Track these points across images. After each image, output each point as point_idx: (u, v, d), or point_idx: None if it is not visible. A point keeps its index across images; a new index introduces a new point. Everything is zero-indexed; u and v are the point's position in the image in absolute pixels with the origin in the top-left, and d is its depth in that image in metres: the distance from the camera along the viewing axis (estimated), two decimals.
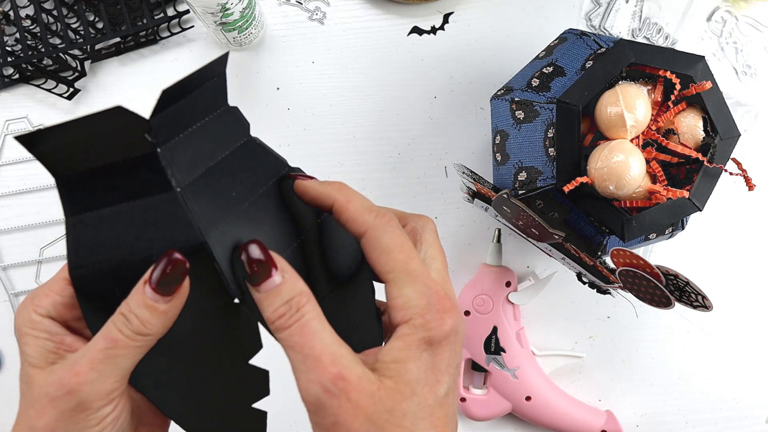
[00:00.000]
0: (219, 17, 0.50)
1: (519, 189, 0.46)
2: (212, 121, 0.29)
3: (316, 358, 0.25)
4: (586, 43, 0.45)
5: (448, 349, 0.26)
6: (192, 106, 0.27)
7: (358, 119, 0.59)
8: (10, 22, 0.58)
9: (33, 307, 0.27)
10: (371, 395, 0.24)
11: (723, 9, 0.59)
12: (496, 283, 0.56)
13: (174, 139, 0.26)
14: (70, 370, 0.25)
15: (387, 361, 0.25)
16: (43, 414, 0.25)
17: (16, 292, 0.58)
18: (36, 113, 0.58)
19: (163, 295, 0.26)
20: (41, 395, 0.25)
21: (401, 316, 0.26)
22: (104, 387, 0.25)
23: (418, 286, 0.26)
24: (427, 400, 0.25)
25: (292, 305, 0.25)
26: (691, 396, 0.58)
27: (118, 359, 0.25)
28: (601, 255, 0.48)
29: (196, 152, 0.27)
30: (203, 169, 0.27)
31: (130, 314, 0.26)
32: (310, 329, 0.25)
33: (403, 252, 0.27)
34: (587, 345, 0.58)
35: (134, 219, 0.27)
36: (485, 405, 0.55)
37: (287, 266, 0.26)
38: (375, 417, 0.24)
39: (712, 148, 0.43)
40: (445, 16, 0.59)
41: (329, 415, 0.24)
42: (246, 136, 0.30)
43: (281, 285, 0.26)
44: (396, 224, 0.28)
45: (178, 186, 0.26)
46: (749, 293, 0.58)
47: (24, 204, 0.58)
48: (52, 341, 0.27)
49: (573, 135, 0.42)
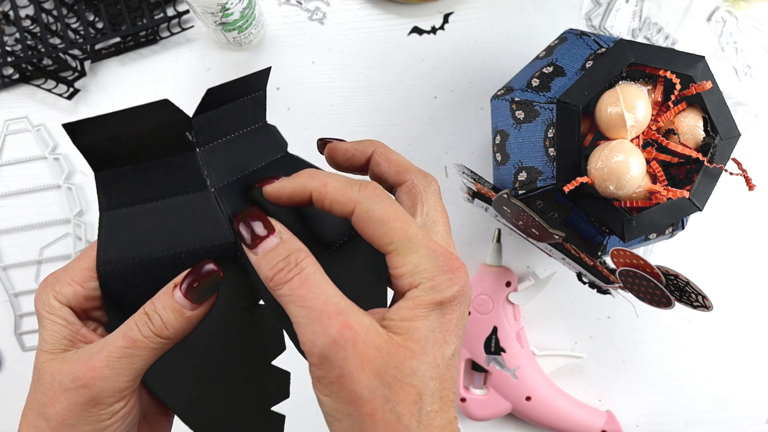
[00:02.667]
0: (219, 17, 0.50)
1: (519, 189, 0.46)
2: (251, 133, 0.29)
3: (320, 309, 0.23)
4: (586, 43, 0.45)
5: (457, 309, 0.25)
6: (233, 115, 0.28)
7: (359, 119, 0.59)
8: (10, 22, 0.58)
9: (54, 293, 0.27)
10: (379, 348, 0.23)
11: (723, 9, 0.59)
12: (496, 283, 0.56)
13: (213, 143, 0.27)
14: (86, 363, 0.25)
15: (395, 319, 0.24)
16: (55, 403, 0.25)
17: (16, 292, 0.58)
18: (36, 113, 0.58)
19: (193, 301, 0.26)
20: (54, 384, 0.25)
21: (409, 283, 0.25)
22: (118, 384, 0.25)
23: (422, 251, 0.25)
24: (436, 360, 0.24)
25: (291, 260, 0.25)
26: (691, 396, 0.58)
27: (134, 359, 0.25)
28: (601, 255, 0.48)
29: (233, 159, 0.28)
30: (238, 174, 0.28)
31: (154, 314, 0.26)
32: (312, 281, 0.24)
33: (398, 220, 0.25)
34: (587, 345, 0.58)
35: (167, 216, 0.27)
36: (485, 405, 0.55)
37: (284, 229, 0.26)
38: (383, 372, 0.23)
39: (712, 148, 0.43)
40: (445, 16, 0.59)
41: (335, 368, 0.23)
42: (283, 152, 0.31)
43: (279, 244, 0.25)
44: (383, 192, 0.26)
45: (213, 186, 0.27)
46: (749, 293, 0.58)
47: (24, 204, 0.58)
48: (68, 329, 0.27)
49: (573, 135, 0.42)
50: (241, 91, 0.28)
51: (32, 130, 0.58)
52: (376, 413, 0.23)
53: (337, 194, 0.26)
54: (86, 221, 0.58)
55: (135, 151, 0.27)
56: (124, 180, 0.27)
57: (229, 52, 0.59)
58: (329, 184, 0.26)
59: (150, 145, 0.26)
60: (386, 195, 0.26)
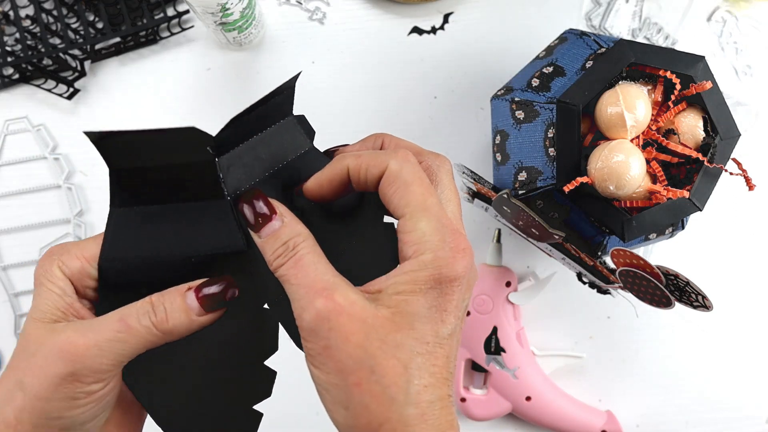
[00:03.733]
0: (219, 17, 0.50)
1: (519, 189, 0.46)
2: (275, 130, 0.29)
3: (309, 285, 0.25)
4: (586, 43, 0.45)
5: (458, 290, 0.25)
6: (255, 118, 0.28)
7: (359, 119, 0.59)
8: (10, 22, 0.58)
9: (59, 263, 0.27)
10: (363, 321, 0.24)
11: (723, 9, 0.59)
12: (496, 283, 0.55)
13: (233, 150, 0.27)
14: (74, 337, 0.25)
15: (389, 293, 0.25)
16: (34, 372, 0.25)
17: (16, 292, 0.58)
18: (36, 113, 0.58)
19: (204, 308, 0.26)
20: (38, 353, 0.25)
21: (413, 251, 0.25)
22: (101, 366, 0.25)
23: (434, 222, 0.25)
24: (425, 337, 0.25)
25: (289, 245, 0.26)
26: (691, 396, 0.58)
27: (124, 344, 0.25)
28: (601, 255, 0.48)
29: (253, 161, 0.28)
30: (257, 178, 0.28)
31: (160, 306, 0.26)
32: (305, 262, 0.25)
33: (421, 186, 0.26)
34: (587, 345, 0.58)
35: (180, 220, 0.27)
36: (485, 405, 0.55)
37: (286, 211, 0.27)
38: (366, 344, 0.24)
39: (712, 148, 0.43)
40: (445, 16, 0.59)
41: (321, 339, 0.24)
42: (307, 146, 0.30)
43: (280, 229, 0.26)
44: (414, 160, 0.27)
45: (230, 195, 0.27)
46: (749, 293, 0.58)
47: (24, 204, 0.58)
48: (64, 301, 0.27)
49: (573, 135, 0.42)
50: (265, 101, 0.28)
51: (32, 130, 0.58)
52: (362, 383, 0.24)
53: (371, 159, 0.27)
54: (86, 221, 0.58)
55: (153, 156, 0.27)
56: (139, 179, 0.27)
57: (229, 52, 0.59)
58: (362, 154, 0.27)
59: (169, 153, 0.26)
60: (416, 163, 0.27)
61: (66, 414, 0.25)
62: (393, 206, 0.26)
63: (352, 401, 0.24)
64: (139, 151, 0.26)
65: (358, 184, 0.28)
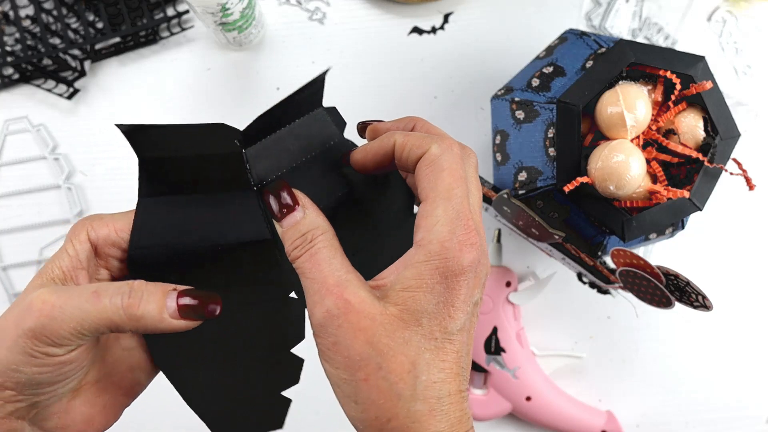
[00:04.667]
0: (219, 17, 0.50)
1: (519, 189, 0.46)
2: (304, 122, 0.30)
3: (321, 281, 0.25)
4: (586, 43, 0.45)
5: (464, 284, 0.25)
6: (284, 112, 0.28)
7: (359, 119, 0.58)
8: (10, 22, 0.58)
9: (89, 227, 0.28)
10: (372, 319, 0.24)
11: (723, 9, 0.59)
12: (496, 283, 0.56)
13: (261, 142, 0.28)
14: (45, 294, 0.25)
15: (397, 289, 0.25)
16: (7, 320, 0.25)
17: (16, 292, 0.58)
18: (36, 113, 0.58)
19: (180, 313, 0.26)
20: (17, 304, 0.25)
21: (421, 237, 0.25)
22: (59, 329, 0.25)
23: (451, 212, 0.25)
24: (433, 333, 0.25)
25: (307, 237, 0.26)
26: (691, 396, 0.58)
27: (87, 315, 0.25)
28: (601, 255, 0.48)
29: (281, 153, 0.29)
30: (285, 169, 0.29)
31: (137, 292, 0.26)
32: (320, 256, 0.26)
33: (452, 176, 0.26)
34: (587, 345, 0.58)
35: (207, 210, 0.28)
36: (485, 405, 0.55)
37: (308, 202, 0.27)
38: (374, 340, 0.24)
39: (712, 148, 0.43)
40: (445, 16, 0.59)
41: (330, 335, 0.25)
42: (338, 137, 0.31)
43: (301, 220, 0.27)
44: (458, 149, 0.27)
45: (256, 185, 0.28)
46: (749, 293, 0.58)
47: (24, 204, 0.58)
48: (71, 264, 0.27)
49: (573, 135, 0.42)
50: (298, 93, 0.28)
51: (32, 130, 0.58)
52: (370, 379, 0.24)
53: (417, 139, 0.27)
54: None
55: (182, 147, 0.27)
56: (168, 169, 0.28)
57: (229, 52, 0.59)
58: (411, 134, 0.28)
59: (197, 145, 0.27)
60: (458, 154, 0.27)
61: (22, 369, 0.25)
62: (421, 188, 0.27)
63: (361, 396, 0.25)
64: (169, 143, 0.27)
65: (399, 161, 0.28)
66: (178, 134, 0.26)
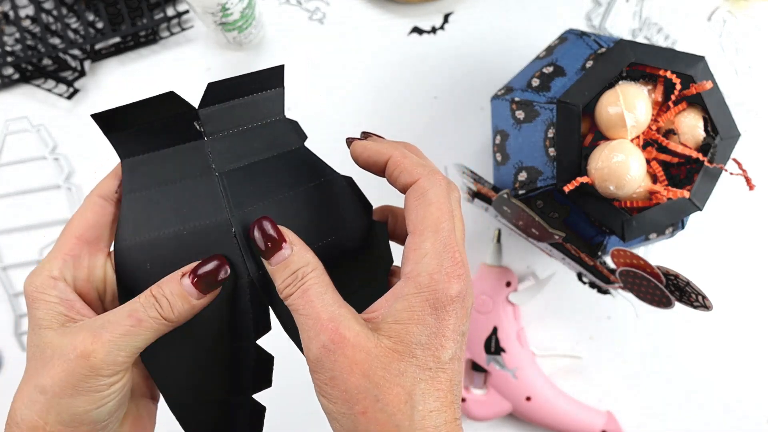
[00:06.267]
0: (219, 17, 0.50)
1: (519, 189, 0.46)
2: (266, 126, 0.31)
3: (315, 317, 0.26)
4: (586, 43, 0.45)
5: (453, 314, 0.26)
6: (245, 109, 0.30)
7: (359, 119, 0.59)
8: (10, 22, 0.58)
9: (46, 271, 0.28)
10: (367, 352, 0.25)
11: (723, 9, 0.59)
12: (496, 283, 0.56)
13: (224, 133, 0.30)
14: (90, 336, 0.26)
15: (389, 322, 0.26)
16: (53, 374, 0.26)
17: (16, 292, 0.58)
18: (36, 113, 0.58)
19: (200, 291, 0.28)
20: (54, 356, 0.26)
21: (410, 269, 0.26)
22: (118, 359, 0.26)
23: (439, 245, 0.26)
24: (427, 364, 0.25)
25: (298, 275, 0.27)
26: (691, 396, 0.58)
27: (137, 337, 0.27)
28: (601, 255, 0.48)
29: (243, 147, 0.30)
30: (246, 162, 0.30)
31: (162, 298, 0.27)
32: (312, 293, 0.27)
33: (440, 210, 0.27)
34: (587, 345, 0.58)
35: (176, 198, 0.29)
36: (485, 405, 0.55)
37: (296, 239, 0.28)
38: (371, 373, 0.25)
39: (712, 148, 0.43)
40: (445, 16, 0.59)
41: (327, 371, 0.25)
42: (299, 144, 0.32)
43: (290, 257, 0.27)
44: (446, 185, 0.28)
45: (217, 170, 0.29)
46: (749, 293, 0.58)
47: (24, 204, 0.58)
48: (63, 305, 0.28)
49: (573, 135, 0.42)
50: (253, 87, 0.30)
51: (32, 130, 0.58)
52: (368, 412, 0.25)
53: (410, 165, 0.28)
54: None
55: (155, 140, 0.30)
56: (144, 166, 0.30)
57: (229, 52, 0.59)
58: (408, 158, 0.29)
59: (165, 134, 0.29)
60: (446, 188, 0.28)
61: (92, 407, 0.26)
62: (409, 219, 0.27)
63: (360, 429, 0.25)
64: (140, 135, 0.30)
65: (389, 177, 0.29)
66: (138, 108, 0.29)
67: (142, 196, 0.30)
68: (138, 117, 0.29)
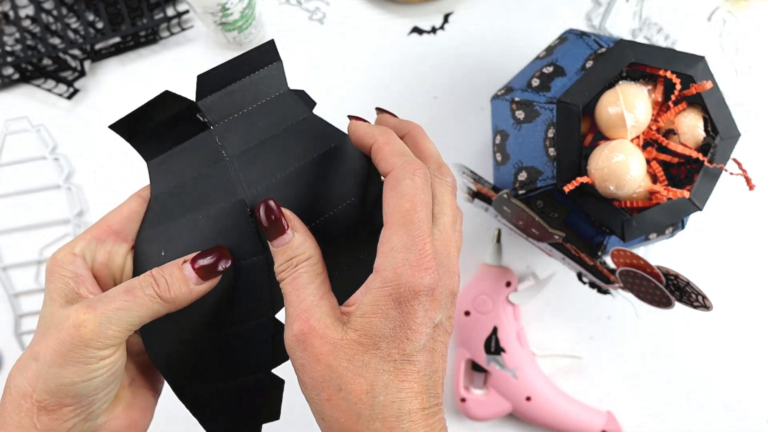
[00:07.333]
0: (219, 17, 0.50)
1: (519, 189, 0.46)
2: (270, 102, 0.32)
3: (296, 305, 0.27)
4: (586, 43, 0.45)
5: (420, 308, 0.26)
6: (245, 90, 0.31)
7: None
8: (10, 22, 0.58)
9: (69, 248, 0.30)
10: (333, 344, 0.26)
11: (723, 9, 0.59)
12: (496, 283, 0.56)
13: (229, 119, 0.30)
14: (83, 309, 0.27)
15: (357, 315, 0.27)
16: (48, 343, 0.27)
17: (16, 292, 0.58)
18: (36, 113, 0.58)
19: (201, 277, 0.29)
20: (51, 327, 0.27)
21: (378, 263, 0.27)
22: (109, 332, 0.27)
23: (406, 238, 0.26)
24: (392, 356, 0.26)
25: (292, 262, 0.28)
26: (691, 396, 0.58)
27: (131, 312, 0.27)
28: (601, 255, 0.48)
29: (250, 128, 0.31)
30: (255, 142, 0.31)
31: (161, 278, 0.28)
32: (300, 281, 0.28)
33: (411, 202, 0.27)
34: (587, 345, 0.58)
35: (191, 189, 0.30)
36: (485, 405, 0.55)
37: (299, 225, 0.29)
38: (335, 364, 0.26)
39: (712, 148, 0.43)
40: (445, 16, 0.59)
41: (298, 358, 0.27)
42: (307, 113, 0.32)
43: (290, 242, 0.28)
44: (422, 175, 0.28)
45: (227, 156, 0.30)
46: (749, 293, 0.58)
47: (24, 204, 0.58)
48: (75, 280, 0.29)
49: (573, 135, 0.42)
50: (247, 68, 0.31)
51: (32, 130, 0.58)
52: (332, 399, 0.26)
53: (389, 155, 0.28)
54: (86, 221, 0.58)
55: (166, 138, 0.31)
56: (164, 165, 0.31)
57: (229, 52, 0.59)
58: (390, 144, 0.29)
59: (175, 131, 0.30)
60: (422, 178, 0.28)
61: (78, 379, 0.27)
62: (384, 211, 0.28)
63: (326, 414, 0.26)
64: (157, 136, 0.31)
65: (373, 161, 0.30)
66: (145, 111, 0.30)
67: (164, 194, 0.31)
68: (148, 120, 0.30)
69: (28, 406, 0.27)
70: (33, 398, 0.27)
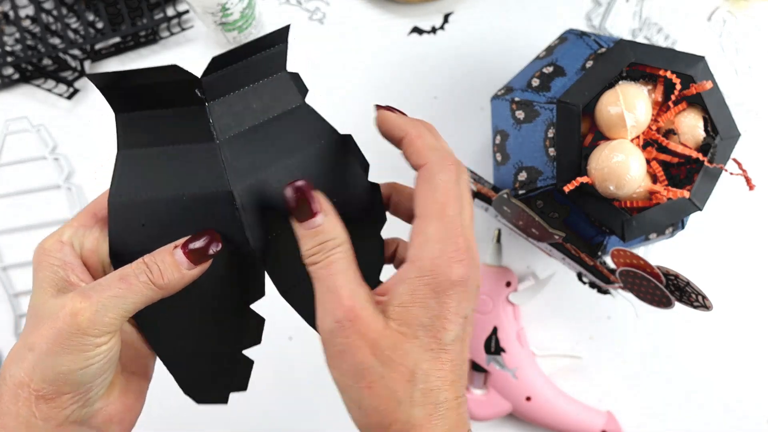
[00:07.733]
0: (219, 17, 0.50)
1: (519, 189, 0.46)
2: (268, 83, 0.31)
3: (335, 291, 0.27)
4: (586, 43, 0.45)
5: (454, 298, 0.27)
6: (248, 69, 0.30)
7: (358, 119, 0.58)
8: (10, 22, 0.58)
9: (56, 236, 0.30)
10: (378, 332, 0.26)
11: (723, 9, 0.59)
12: (496, 283, 0.56)
13: (224, 96, 0.29)
14: (77, 298, 0.27)
15: (394, 305, 0.27)
16: (42, 333, 0.27)
17: (16, 292, 0.58)
18: (36, 113, 0.58)
19: (192, 262, 0.28)
20: (45, 316, 0.27)
21: (413, 254, 0.27)
22: (105, 319, 0.27)
23: (442, 230, 0.27)
24: (430, 345, 0.26)
25: (325, 246, 0.28)
26: (692, 396, 0.58)
27: (126, 299, 0.27)
28: (601, 255, 0.48)
29: (244, 110, 0.30)
30: (247, 126, 0.30)
31: (153, 264, 0.28)
32: (337, 267, 0.27)
33: (446, 195, 0.27)
34: (587, 345, 0.58)
35: (175, 161, 0.29)
36: (485, 405, 0.55)
37: (330, 209, 0.29)
38: (378, 352, 0.26)
39: (712, 148, 0.43)
40: (445, 16, 0.59)
41: (337, 344, 0.26)
42: (299, 101, 0.32)
43: (321, 226, 0.28)
44: (456, 170, 0.28)
45: (218, 138, 0.29)
46: (749, 293, 0.58)
47: (24, 204, 0.58)
48: (64, 269, 0.29)
49: (573, 135, 0.42)
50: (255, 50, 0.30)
51: (32, 130, 0.58)
52: (373, 387, 0.26)
53: (423, 148, 0.29)
54: None
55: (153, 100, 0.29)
56: (141, 123, 0.29)
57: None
58: (422, 137, 0.29)
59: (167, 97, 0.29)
60: (456, 173, 0.28)
61: (76, 367, 0.27)
62: (416, 203, 0.28)
63: (364, 402, 0.26)
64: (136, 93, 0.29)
65: (403, 153, 0.30)
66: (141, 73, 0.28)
67: (138, 154, 0.30)
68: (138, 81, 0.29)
69: (26, 396, 0.27)
70: (31, 387, 0.27)
